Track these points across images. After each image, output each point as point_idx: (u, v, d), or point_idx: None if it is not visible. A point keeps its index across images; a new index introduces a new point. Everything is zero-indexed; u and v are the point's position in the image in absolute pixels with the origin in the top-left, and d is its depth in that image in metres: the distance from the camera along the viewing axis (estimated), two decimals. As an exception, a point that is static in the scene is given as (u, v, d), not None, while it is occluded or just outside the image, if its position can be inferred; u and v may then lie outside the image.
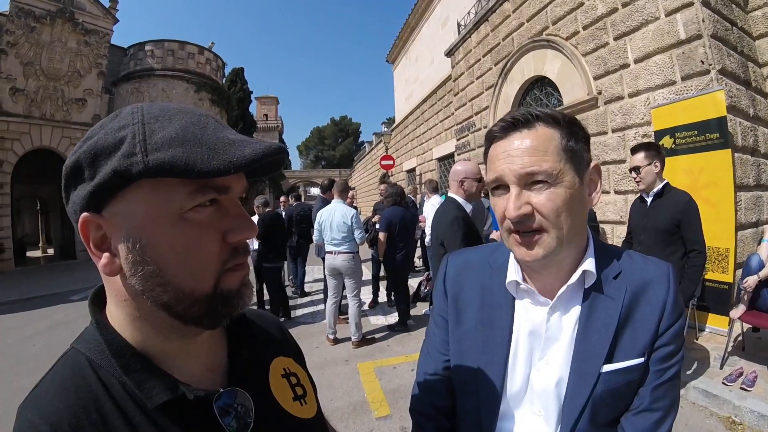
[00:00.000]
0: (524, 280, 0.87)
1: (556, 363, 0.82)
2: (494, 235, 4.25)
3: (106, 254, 0.51)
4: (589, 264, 0.82)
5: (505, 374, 0.86)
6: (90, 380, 0.52)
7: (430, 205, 6.29)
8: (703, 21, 4.43)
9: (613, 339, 0.79)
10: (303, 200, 9.57)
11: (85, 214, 0.50)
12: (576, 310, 0.82)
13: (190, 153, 0.47)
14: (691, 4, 4.52)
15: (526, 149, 0.75)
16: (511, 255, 0.89)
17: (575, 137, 0.78)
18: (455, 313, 0.95)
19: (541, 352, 0.84)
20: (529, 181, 0.75)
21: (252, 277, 6.44)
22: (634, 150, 3.21)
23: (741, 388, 3.19)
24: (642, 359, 0.78)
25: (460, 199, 3.06)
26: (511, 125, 0.79)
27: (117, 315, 0.55)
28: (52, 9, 15.09)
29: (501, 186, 0.79)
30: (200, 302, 0.51)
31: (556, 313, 0.84)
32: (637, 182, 3.22)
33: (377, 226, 5.94)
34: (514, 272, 0.87)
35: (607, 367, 0.78)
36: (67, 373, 0.53)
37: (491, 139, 0.83)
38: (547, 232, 0.76)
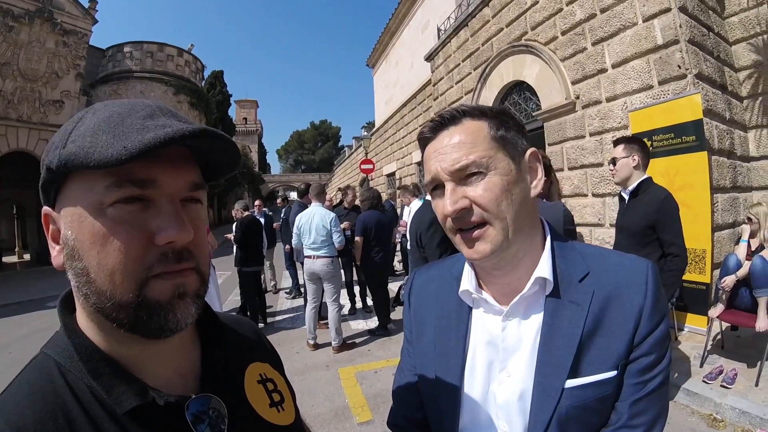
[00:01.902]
0: (480, 287, 0.84)
1: (519, 375, 0.77)
2: None
3: (57, 247, 0.52)
4: (544, 267, 0.76)
5: (461, 386, 0.82)
6: (58, 385, 0.49)
7: (410, 211, 6.20)
8: (680, 27, 4.51)
9: (578, 350, 0.72)
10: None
11: (44, 208, 0.52)
12: (537, 319, 0.77)
13: (95, 142, 0.45)
14: (668, 10, 4.60)
15: (455, 145, 0.74)
16: (466, 263, 0.86)
17: (506, 126, 0.77)
18: (417, 326, 0.95)
19: (501, 364, 0.79)
20: (462, 176, 0.73)
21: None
22: (616, 142, 3.13)
23: (721, 385, 3.22)
24: (614, 372, 0.71)
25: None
26: (439, 124, 0.78)
27: (82, 318, 0.54)
28: (30, 8, 14.80)
29: (438, 186, 0.77)
30: (125, 309, 0.48)
31: (513, 321, 0.78)
32: (612, 174, 3.13)
33: (347, 233, 5.87)
34: (467, 281, 0.84)
35: (572, 383, 0.71)
36: (34, 378, 0.51)
37: (424, 141, 0.81)
38: (490, 225, 0.72)
